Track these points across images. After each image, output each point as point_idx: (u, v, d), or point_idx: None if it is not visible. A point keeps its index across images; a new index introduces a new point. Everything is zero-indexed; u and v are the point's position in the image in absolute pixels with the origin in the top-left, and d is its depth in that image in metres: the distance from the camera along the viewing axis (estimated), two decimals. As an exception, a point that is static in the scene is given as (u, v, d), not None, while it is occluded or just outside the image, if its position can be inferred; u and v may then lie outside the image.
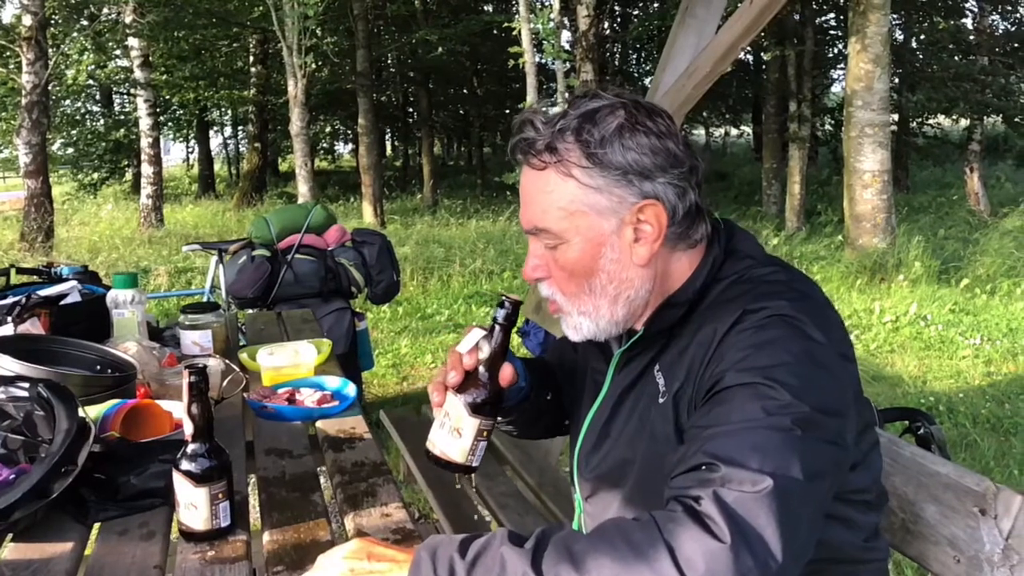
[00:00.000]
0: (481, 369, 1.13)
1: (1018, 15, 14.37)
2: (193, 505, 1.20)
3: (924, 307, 6.50)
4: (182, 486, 1.20)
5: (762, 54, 14.71)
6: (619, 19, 18.57)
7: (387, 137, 25.43)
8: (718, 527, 0.83)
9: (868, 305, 6.69)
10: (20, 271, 2.91)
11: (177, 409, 1.57)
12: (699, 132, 27.63)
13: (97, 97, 19.16)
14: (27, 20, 9.17)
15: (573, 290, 1.11)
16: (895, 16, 14.00)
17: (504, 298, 1.13)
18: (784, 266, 1.13)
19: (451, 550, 0.90)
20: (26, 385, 1.40)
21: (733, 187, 16.44)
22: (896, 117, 13.85)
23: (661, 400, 1.08)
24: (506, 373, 1.14)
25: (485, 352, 1.13)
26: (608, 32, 16.67)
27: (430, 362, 5.41)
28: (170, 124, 20.43)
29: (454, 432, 1.13)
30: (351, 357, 3.99)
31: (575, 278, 1.10)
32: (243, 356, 2.08)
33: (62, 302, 2.09)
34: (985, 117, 13.20)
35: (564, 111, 1.08)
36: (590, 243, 1.07)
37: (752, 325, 0.99)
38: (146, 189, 11.72)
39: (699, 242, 1.12)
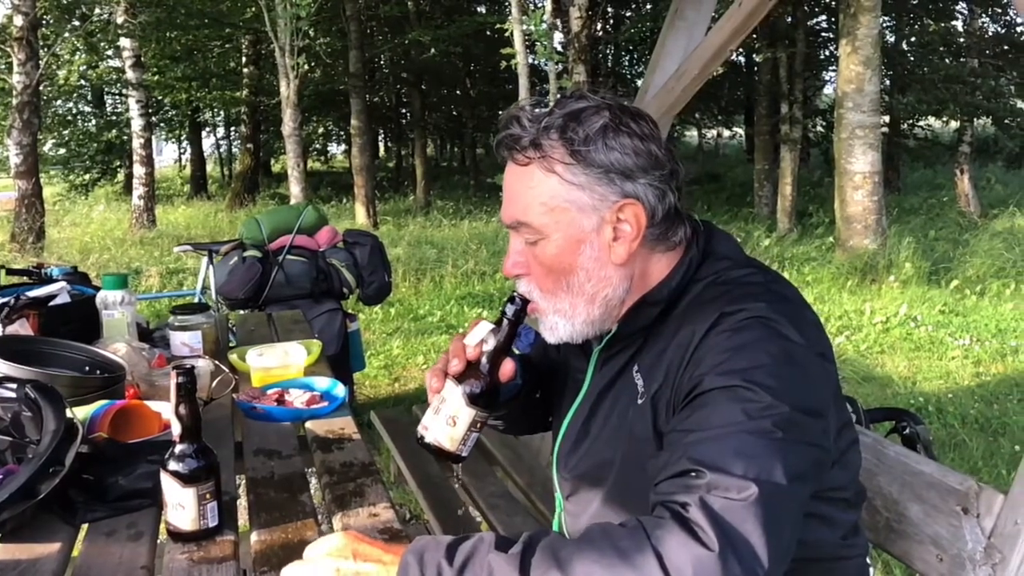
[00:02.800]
0: (483, 361, 1.14)
1: (1008, 17, 14.44)
2: (181, 505, 1.20)
3: (914, 308, 6.54)
4: (170, 487, 1.20)
5: (754, 56, 14.77)
6: (612, 20, 18.58)
7: (380, 138, 25.42)
8: (706, 535, 0.83)
9: (859, 306, 6.72)
10: (10, 272, 2.91)
11: (166, 410, 1.57)
12: (691, 133, 27.67)
13: (89, 97, 19.06)
14: (18, 20, 9.14)
15: (551, 287, 1.12)
16: (886, 18, 14.07)
17: (516, 294, 1.14)
18: (761, 268, 1.14)
19: (438, 555, 0.89)
20: (13, 386, 1.40)
21: (725, 188, 16.49)
22: (887, 119, 13.91)
23: (640, 401, 1.10)
24: (507, 368, 1.15)
25: (490, 345, 1.14)
26: (601, 33, 16.69)
27: (422, 363, 5.42)
28: (162, 125, 20.36)
29: (449, 420, 1.14)
30: (342, 358, 3.99)
31: (553, 274, 1.11)
32: (233, 357, 2.09)
33: (51, 303, 2.09)
34: (975, 119, 13.26)
35: (550, 109, 1.09)
36: (570, 239, 1.08)
37: (730, 327, 1.00)
38: (138, 190, 11.68)
39: (678, 244, 1.13)
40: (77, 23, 12.09)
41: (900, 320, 6.26)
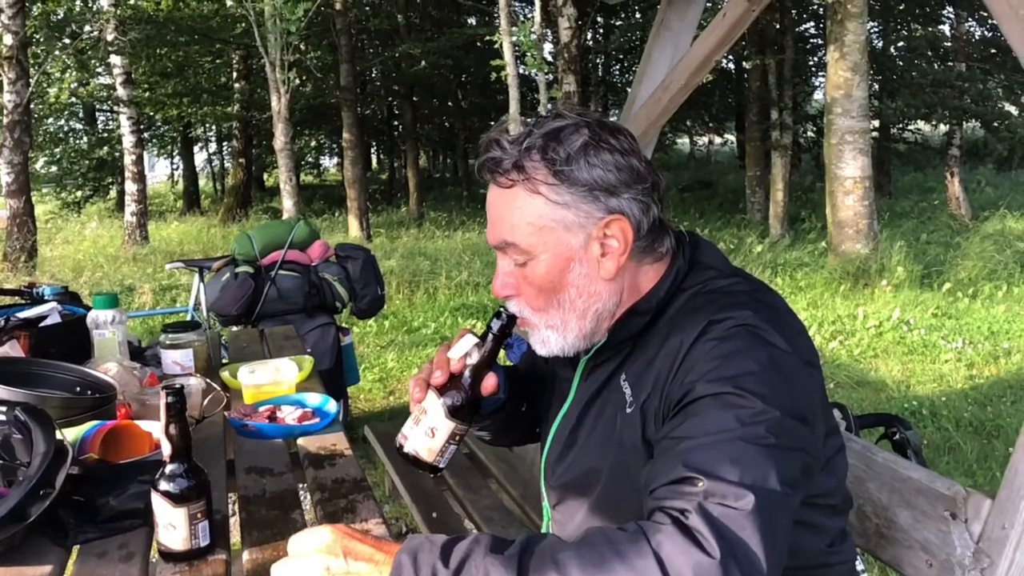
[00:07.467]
0: (466, 374, 1.15)
1: (994, 21, 14.53)
2: (172, 525, 1.20)
3: (907, 312, 6.56)
4: (161, 506, 1.20)
5: (743, 63, 14.83)
6: (601, 30, 18.67)
7: (372, 151, 25.45)
8: (707, 542, 0.84)
9: (852, 311, 6.74)
10: (1, 292, 2.90)
11: (157, 429, 1.57)
12: (683, 141, 27.78)
13: (80, 115, 19.07)
14: (8, 40, 9.14)
15: (542, 305, 1.13)
16: (873, 24, 14.16)
17: (502, 309, 1.15)
18: (747, 277, 1.16)
19: (433, 557, 0.88)
20: (3, 408, 1.39)
21: (718, 195, 16.53)
22: (876, 123, 13.98)
23: (628, 410, 1.10)
24: (489, 383, 1.16)
25: (474, 358, 1.15)
26: (590, 43, 16.76)
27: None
28: (154, 141, 20.36)
29: (428, 431, 1.15)
30: (336, 372, 3.99)
31: (544, 293, 1.12)
32: (224, 374, 2.08)
33: (42, 323, 2.08)
34: (964, 122, 13.34)
35: (529, 130, 1.10)
36: (559, 258, 1.09)
37: (718, 336, 1.01)
38: (130, 206, 11.67)
39: (664, 255, 1.15)
40: (67, 41, 12.11)
41: (893, 324, 6.28)
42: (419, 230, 12.70)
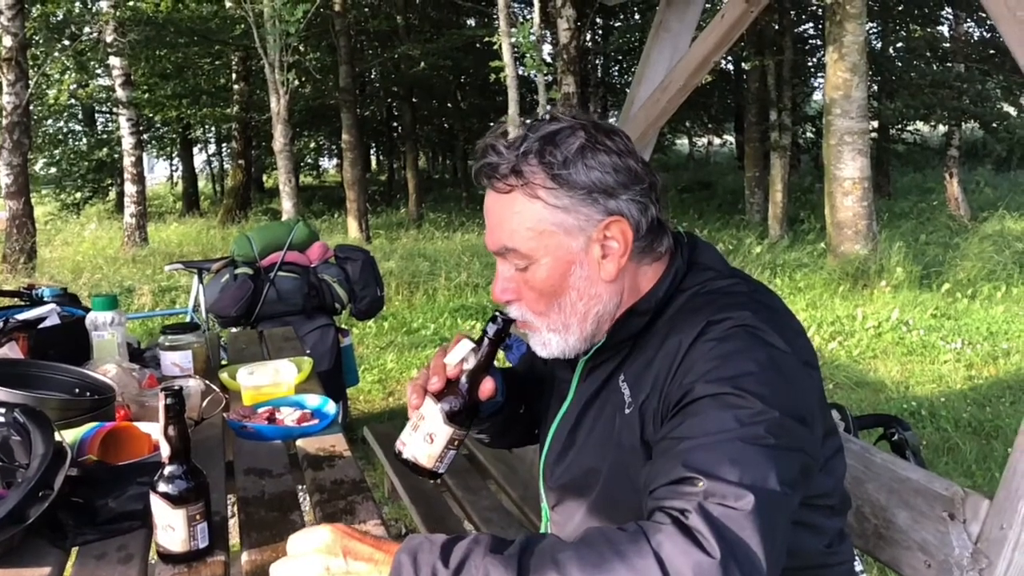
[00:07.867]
0: (463, 379, 1.15)
1: (992, 22, 14.53)
2: (171, 527, 1.20)
3: (906, 312, 6.56)
4: (159, 508, 1.20)
5: (742, 64, 14.84)
6: (600, 31, 18.69)
7: (372, 152, 25.45)
8: (708, 542, 0.84)
9: (851, 311, 6.74)
10: (0, 293, 2.90)
11: (155, 431, 1.57)
12: (682, 142, 27.79)
13: (79, 116, 19.08)
14: (7, 41, 9.15)
15: (543, 309, 1.13)
16: (872, 24, 14.18)
17: (498, 314, 1.15)
18: (745, 278, 1.16)
19: (433, 556, 0.88)
20: (2, 410, 1.39)
21: (717, 196, 16.54)
22: (875, 124, 14.00)
23: (627, 411, 1.11)
24: (487, 387, 1.16)
25: (470, 364, 1.15)
26: (589, 44, 16.76)
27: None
28: (153, 142, 20.36)
29: (427, 437, 1.15)
30: (336, 373, 3.99)
31: (545, 297, 1.12)
32: (223, 376, 2.08)
33: (41, 325, 2.08)
34: (963, 123, 13.35)
35: (524, 135, 1.10)
36: (559, 262, 1.10)
37: (716, 336, 1.02)
38: (129, 208, 11.68)
39: (663, 255, 1.15)
40: (67, 43, 12.11)
41: (892, 325, 6.28)
42: (418, 231, 12.70)
